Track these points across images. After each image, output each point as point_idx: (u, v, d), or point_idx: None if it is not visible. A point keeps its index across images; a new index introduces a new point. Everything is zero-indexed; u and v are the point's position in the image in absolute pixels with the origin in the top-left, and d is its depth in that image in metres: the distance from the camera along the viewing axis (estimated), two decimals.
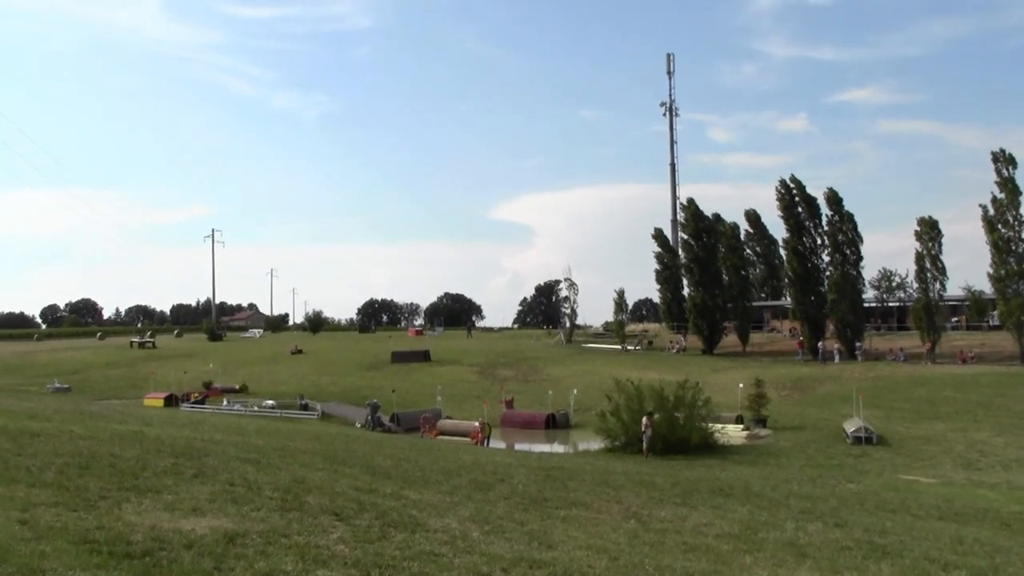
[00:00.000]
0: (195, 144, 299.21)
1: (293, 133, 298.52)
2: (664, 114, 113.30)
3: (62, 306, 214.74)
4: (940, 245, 61.10)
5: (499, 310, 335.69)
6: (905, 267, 67.54)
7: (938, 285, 60.88)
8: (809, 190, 68.62)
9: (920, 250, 61.17)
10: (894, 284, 67.03)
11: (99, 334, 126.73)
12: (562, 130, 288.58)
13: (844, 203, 66.06)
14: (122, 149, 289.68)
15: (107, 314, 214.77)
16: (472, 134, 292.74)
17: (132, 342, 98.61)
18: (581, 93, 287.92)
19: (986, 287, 62.80)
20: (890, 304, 70.46)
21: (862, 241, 65.96)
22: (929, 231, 60.91)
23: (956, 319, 71.61)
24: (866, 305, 68.35)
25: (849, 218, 65.82)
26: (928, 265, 60.93)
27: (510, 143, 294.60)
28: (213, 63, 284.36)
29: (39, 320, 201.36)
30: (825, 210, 66.85)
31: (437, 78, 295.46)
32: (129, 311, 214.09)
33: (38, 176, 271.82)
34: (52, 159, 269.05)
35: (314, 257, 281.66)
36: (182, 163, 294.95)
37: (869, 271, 66.95)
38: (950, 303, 67.15)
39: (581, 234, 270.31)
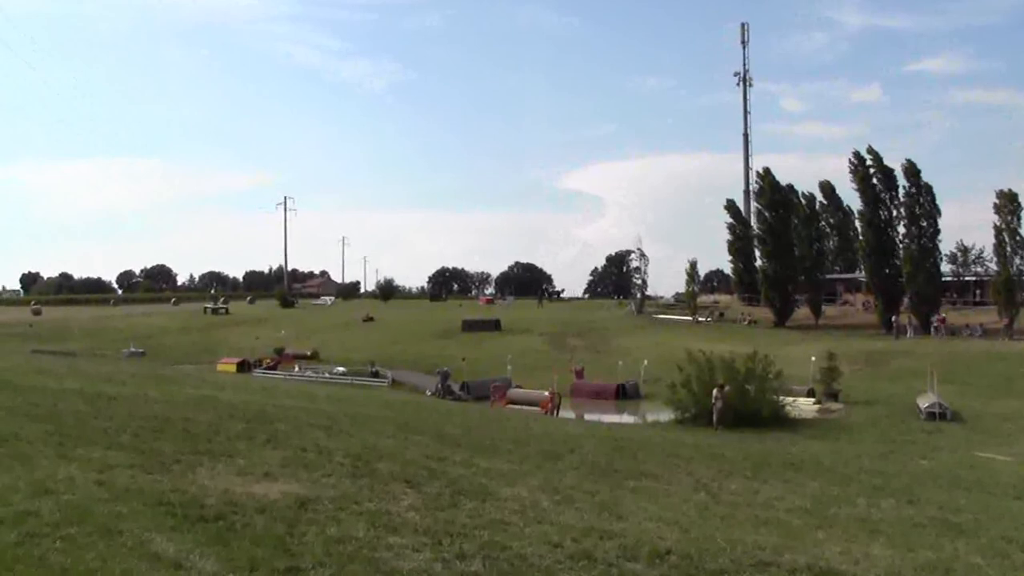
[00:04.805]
0: (267, 113, 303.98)
1: (362, 102, 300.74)
2: (738, 84, 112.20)
3: (137, 272, 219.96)
4: (1019, 219, 59.38)
5: (569, 280, 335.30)
6: (972, 239, 65.91)
7: (1018, 259, 59.28)
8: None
9: (999, 224, 59.52)
10: (971, 259, 65.43)
11: (173, 300, 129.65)
12: (629, 99, 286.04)
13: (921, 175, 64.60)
14: (195, 120, 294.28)
15: (181, 280, 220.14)
16: (540, 103, 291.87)
17: (206, 308, 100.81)
18: (648, 61, 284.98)
19: None
20: (966, 279, 68.75)
21: (940, 214, 64.48)
22: (1009, 204, 59.16)
23: None
24: (942, 279, 66.69)
25: (927, 190, 64.27)
26: (1007, 239, 59.34)
27: (578, 113, 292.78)
28: (279, 32, 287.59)
29: (115, 286, 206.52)
30: (902, 181, 65.38)
31: (504, 47, 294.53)
32: (203, 277, 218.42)
33: (114, 145, 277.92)
34: (126, 129, 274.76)
35: (385, 225, 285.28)
36: (254, 132, 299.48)
37: (943, 244, 65.27)
38: None
39: (650, 204, 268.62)
